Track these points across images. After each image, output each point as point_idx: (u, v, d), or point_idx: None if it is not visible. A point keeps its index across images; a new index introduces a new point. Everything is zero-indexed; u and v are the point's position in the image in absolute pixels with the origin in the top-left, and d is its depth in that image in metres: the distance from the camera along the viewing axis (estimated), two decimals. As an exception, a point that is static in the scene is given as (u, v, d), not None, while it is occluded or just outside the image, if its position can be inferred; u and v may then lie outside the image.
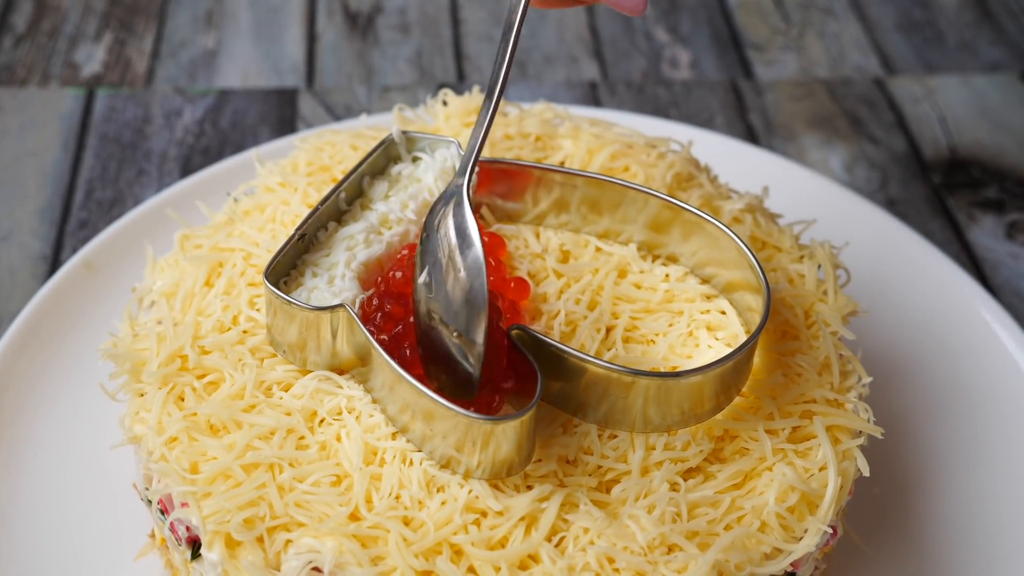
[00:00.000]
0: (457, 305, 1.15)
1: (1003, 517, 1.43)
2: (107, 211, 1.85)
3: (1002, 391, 1.54)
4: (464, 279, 1.16)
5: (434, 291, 1.18)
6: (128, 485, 1.39)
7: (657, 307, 1.30)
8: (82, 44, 2.18)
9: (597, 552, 1.08)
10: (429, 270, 1.19)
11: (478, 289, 1.15)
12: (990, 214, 1.92)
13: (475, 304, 1.14)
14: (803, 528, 1.14)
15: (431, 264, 1.19)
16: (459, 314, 1.15)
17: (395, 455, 1.14)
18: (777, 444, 1.18)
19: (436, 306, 1.17)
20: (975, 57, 2.24)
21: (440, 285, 1.17)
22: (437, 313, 1.17)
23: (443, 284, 1.17)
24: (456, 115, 1.49)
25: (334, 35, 2.24)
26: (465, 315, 1.14)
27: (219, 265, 1.32)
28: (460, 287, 1.16)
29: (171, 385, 1.21)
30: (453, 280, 1.16)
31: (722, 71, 2.19)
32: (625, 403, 1.14)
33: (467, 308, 1.14)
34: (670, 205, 1.30)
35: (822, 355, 1.25)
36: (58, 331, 1.55)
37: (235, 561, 1.11)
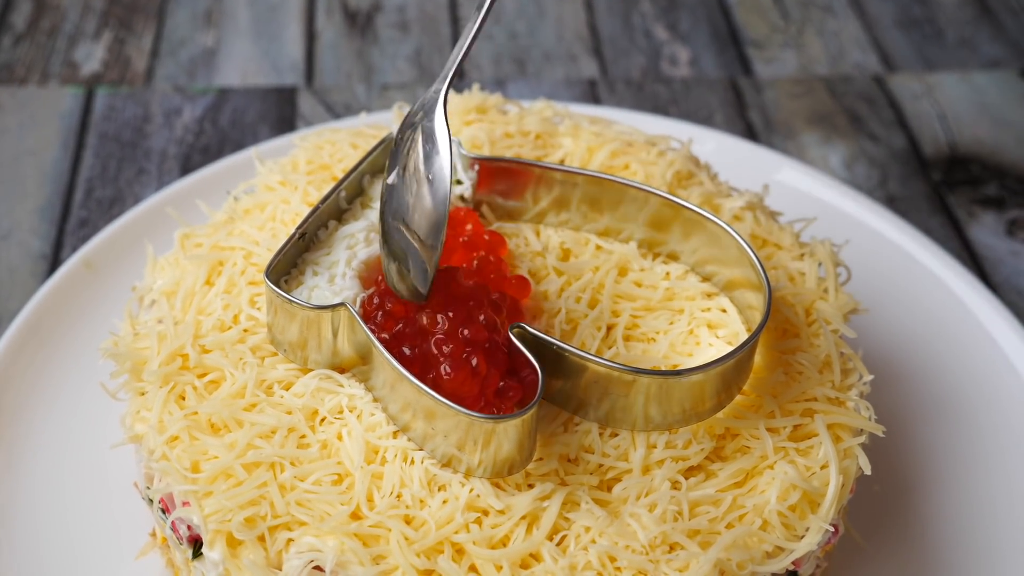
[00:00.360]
0: (420, 210, 1.17)
1: (1003, 515, 1.43)
2: (107, 210, 1.85)
3: (1002, 389, 1.54)
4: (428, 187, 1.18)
5: (400, 192, 1.20)
6: (129, 484, 1.39)
7: (658, 305, 1.30)
8: (81, 43, 2.18)
9: (599, 551, 1.08)
10: (399, 172, 1.21)
11: (441, 197, 1.17)
12: (990, 211, 1.92)
13: (437, 210, 1.16)
14: (804, 526, 1.14)
15: (401, 166, 1.21)
16: (421, 219, 1.17)
17: (396, 454, 1.14)
18: (778, 442, 1.18)
19: (401, 207, 1.19)
20: (975, 54, 2.24)
21: (407, 187, 1.19)
22: (401, 214, 1.18)
23: (410, 187, 1.19)
24: (456, 113, 1.48)
25: (333, 33, 2.24)
26: (427, 221, 1.16)
27: (219, 264, 1.32)
28: (425, 192, 1.17)
29: (172, 384, 1.21)
30: (419, 185, 1.18)
31: (721, 69, 2.19)
32: (626, 401, 1.14)
33: (429, 214, 1.16)
34: (670, 203, 1.30)
35: (823, 353, 1.25)
36: (58, 330, 1.55)
37: (236, 560, 1.11)
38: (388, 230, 1.22)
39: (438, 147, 1.20)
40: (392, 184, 1.22)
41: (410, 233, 1.18)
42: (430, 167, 1.19)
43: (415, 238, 1.18)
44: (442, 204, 1.17)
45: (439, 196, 1.18)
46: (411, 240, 1.18)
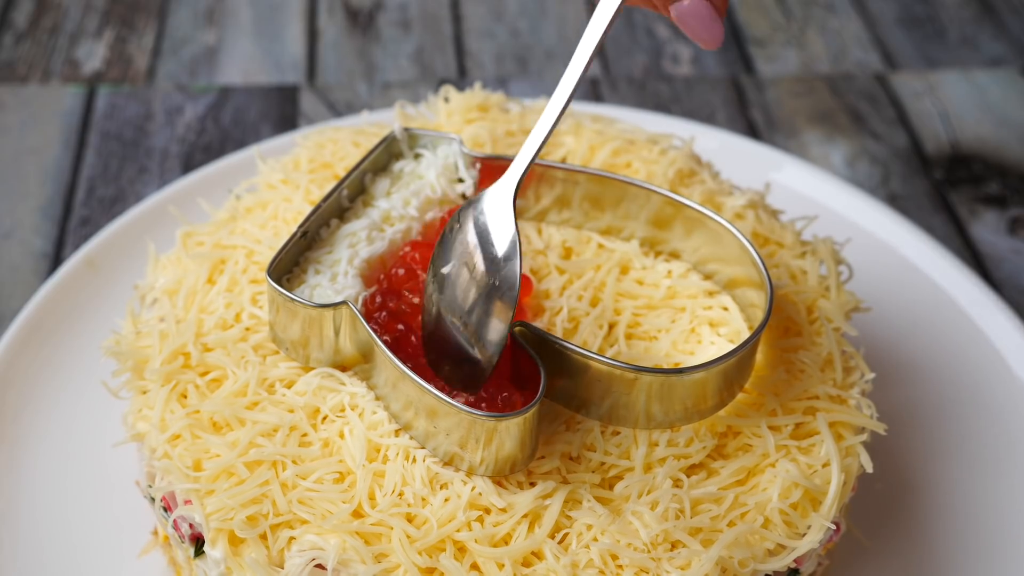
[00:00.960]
0: (484, 316, 1.14)
1: (1005, 513, 1.43)
2: (108, 208, 1.85)
3: (1004, 387, 1.54)
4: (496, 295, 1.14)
5: (456, 285, 1.17)
6: (131, 482, 1.39)
7: (659, 303, 1.30)
8: (83, 41, 2.18)
9: (600, 549, 1.09)
10: (455, 264, 1.18)
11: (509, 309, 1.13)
12: (992, 209, 1.91)
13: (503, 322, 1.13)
14: (806, 524, 1.14)
15: (458, 257, 1.18)
16: (484, 324, 1.14)
17: (398, 452, 1.14)
18: (780, 440, 1.18)
19: (456, 301, 1.16)
20: (976, 52, 2.24)
21: (465, 283, 1.16)
22: (457, 309, 1.16)
23: (469, 284, 1.16)
24: (458, 111, 1.48)
25: (335, 32, 2.24)
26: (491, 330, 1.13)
27: (221, 262, 1.32)
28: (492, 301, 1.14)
29: (174, 382, 1.21)
30: (482, 289, 1.15)
31: (723, 67, 2.19)
32: (628, 400, 1.14)
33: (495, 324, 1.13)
34: (672, 201, 1.30)
35: (825, 351, 1.25)
36: (60, 329, 1.55)
37: (238, 559, 1.11)
38: (439, 320, 1.18)
39: (508, 253, 1.15)
40: (446, 273, 1.18)
41: (467, 329, 1.15)
42: (496, 272, 1.15)
43: (472, 335, 1.15)
44: (509, 310, 1.13)
45: (507, 302, 1.13)
46: (467, 335, 1.15)
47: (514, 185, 1.19)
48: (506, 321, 1.13)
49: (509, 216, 1.17)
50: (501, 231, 1.17)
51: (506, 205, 1.18)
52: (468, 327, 1.15)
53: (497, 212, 1.18)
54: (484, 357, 1.14)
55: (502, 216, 1.18)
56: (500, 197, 1.19)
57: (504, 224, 1.17)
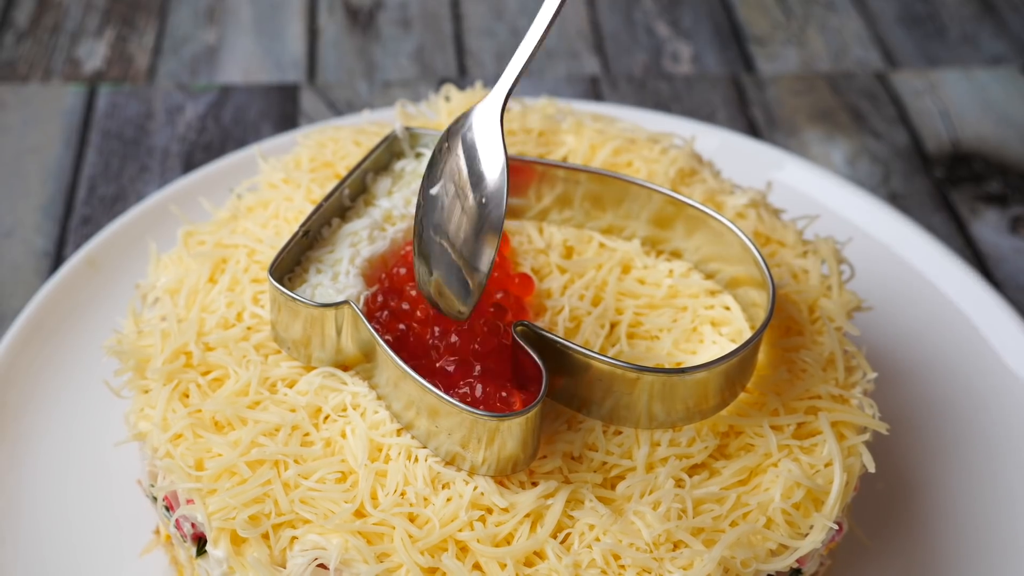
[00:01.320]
0: (470, 232, 1.14)
1: (1007, 512, 1.43)
2: (110, 207, 1.85)
3: (1006, 386, 1.54)
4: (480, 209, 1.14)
5: (444, 205, 1.16)
6: (132, 482, 1.39)
7: (661, 303, 1.30)
8: (84, 40, 2.18)
9: (603, 549, 1.09)
10: (444, 183, 1.17)
11: (495, 223, 1.13)
12: (993, 208, 1.92)
13: (489, 236, 1.12)
14: (809, 524, 1.14)
15: (446, 178, 1.17)
16: (470, 241, 1.13)
17: (400, 452, 1.14)
18: (782, 440, 1.18)
19: (444, 221, 1.16)
20: (977, 51, 2.24)
21: (452, 202, 1.16)
22: (444, 229, 1.15)
23: (456, 203, 1.15)
24: (458, 110, 1.48)
25: (335, 30, 2.24)
26: (477, 245, 1.13)
27: (223, 261, 1.32)
28: (476, 215, 1.14)
29: (175, 382, 1.21)
30: (467, 205, 1.14)
31: (724, 65, 2.19)
32: (630, 399, 1.14)
33: (481, 239, 1.13)
34: (673, 200, 1.30)
35: (827, 351, 1.25)
36: (61, 328, 1.55)
37: (240, 558, 1.11)
38: (427, 242, 1.17)
39: (493, 166, 1.15)
40: (434, 194, 1.17)
41: (454, 252, 1.14)
42: (482, 188, 1.14)
43: (460, 258, 1.14)
44: (495, 230, 1.12)
45: (493, 222, 1.13)
46: (454, 258, 1.14)
47: (501, 101, 1.19)
48: (494, 241, 1.12)
49: (496, 133, 1.17)
50: (488, 148, 1.17)
51: (494, 121, 1.17)
52: (456, 248, 1.15)
53: (485, 129, 1.18)
54: (473, 280, 1.14)
55: (490, 133, 1.17)
56: (488, 114, 1.18)
57: (491, 141, 1.17)
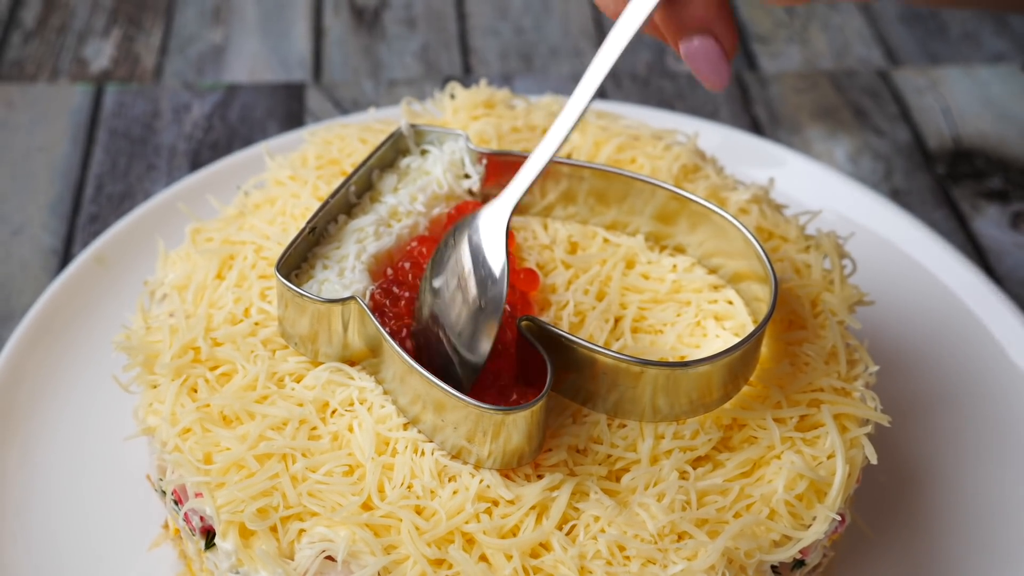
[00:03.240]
0: (468, 334, 1.16)
1: (1008, 505, 1.43)
2: (117, 205, 1.86)
3: (1007, 380, 1.55)
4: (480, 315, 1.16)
5: (445, 300, 1.18)
6: (141, 476, 1.40)
7: (665, 297, 1.31)
8: (91, 40, 2.19)
9: (607, 540, 1.09)
10: (447, 278, 1.19)
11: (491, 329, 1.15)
12: (994, 204, 1.92)
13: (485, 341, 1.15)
14: (812, 516, 1.14)
15: (449, 272, 1.19)
16: (467, 340, 1.16)
17: (407, 445, 1.15)
18: (785, 432, 1.18)
19: (445, 316, 1.18)
20: (978, 48, 2.24)
21: (453, 299, 1.18)
22: (444, 323, 1.18)
23: (456, 300, 1.17)
24: (463, 108, 1.49)
25: (341, 30, 2.25)
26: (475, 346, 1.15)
27: (230, 258, 1.33)
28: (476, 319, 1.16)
29: (184, 377, 1.22)
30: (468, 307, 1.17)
31: (727, 63, 2.19)
32: (634, 393, 1.15)
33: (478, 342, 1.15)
34: (677, 196, 1.31)
35: (829, 344, 1.26)
36: (70, 325, 1.56)
37: (249, 551, 1.12)
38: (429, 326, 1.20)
39: (496, 277, 1.17)
40: (436, 287, 1.20)
41: (450, 346, 1.17)
42: (484, 294, 1.16)
43: (455, 354, 1.17)
44: (490, 336, 1.15)
45: (490, 327, 1.15)
46: (450, 351, 1.17)
47: (509, 209, 1.20)
48: (489, 339, 1.15)
49: (501, 240, 1.19)
50: (492, 254, 1.18)
51: (499, 228, 1.19)
52: (454, 340, 1.17)
53: (490, 234, 1.20)
54: (465, 372, 1.16)
55: (495, 239, 1.19)
56: (495, 219, 1.20)
57: (495, 247, 1.18)
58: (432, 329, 1.19)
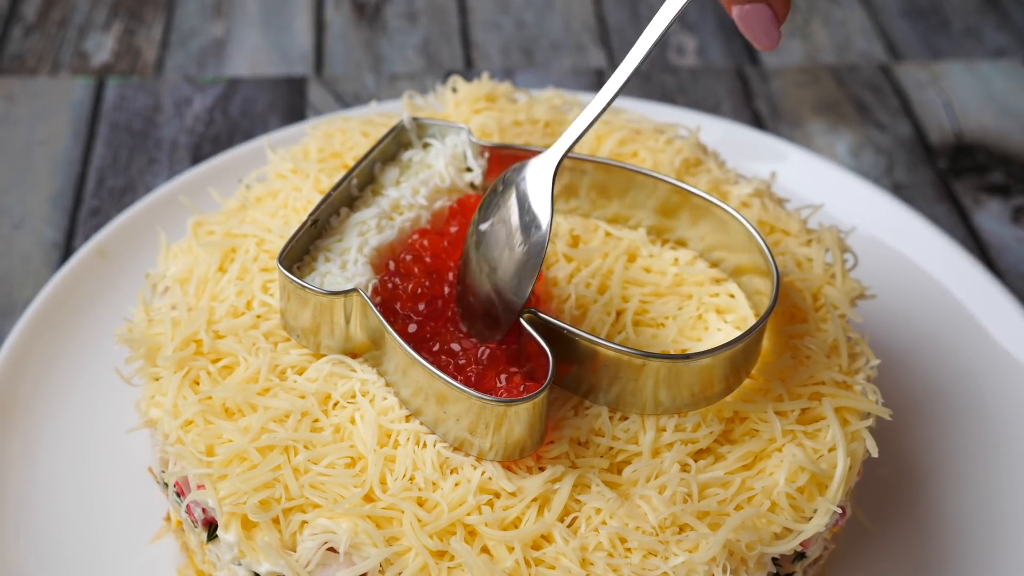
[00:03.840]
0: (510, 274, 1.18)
1: (1008, 498, 1.43)
2: (119, 199, 1.86)
3: (1008, 375, 1.55)
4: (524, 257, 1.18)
5: (492, 241, 1.21)
6: (143, 469, 1.40)
7: (667, 291, 1.31)
8: (92, 33, 2.19)
9: (609, 532, 1.10)
10: (494, 223, 1.22)
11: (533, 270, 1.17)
12: (996, 198, 1.92)
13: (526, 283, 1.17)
14: (813, 508, 1.15)
15: (496, 218, 1.22)
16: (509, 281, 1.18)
17: (409, 437, 1.15)
18: (787, 425, 1.18)
19: (491, 257, 1.20)
20: (980, 43, 2.25)
21: (500, 241, 1.21)
22: (490, 262, 1.20)
23: (503, 243, 1.20)
24: (465, 102, 1.49)
25: (342, 23, 2.25)
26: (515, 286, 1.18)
27: (232, 251, 1.33)
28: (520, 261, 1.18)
29: (186, 369, 1.22)
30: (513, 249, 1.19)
31: (728, 58, 2.20)
32: (636, 385, 1.15)
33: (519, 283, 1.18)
34: (679, 190, 1.31)
35: (830, 338, 1.26)
36: (72, 318, 1.56)
37: (251, 542, 1.12)
38: (473, 270, 1.22)
39: (539, 222, 1.19)
40: (483, 231, 1.23)
41: (493, 288, 1.19)
42: (528, 239, 1.19)
43: (497, 296, 1.19)
44: (532, 272, 1.18)
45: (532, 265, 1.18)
46: (492, 294, 1.19)
47: (557, 159, 1.22)
48: (529, 284, 1.17)
49: (547, 188, 1.21)
50: (538, 201, 1.21)
51: (547, 177, 1.22)
52: (496, 284, 1.18)
53: (537, 182, 1.22)
54: (505, 315, 1.18)
55: (542, 186, 1.21)
56: (543, 168, 1.22)
57: (542, 195, 1.21)
58: (476, 272, 1.21)
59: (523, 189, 1.22)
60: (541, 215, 1.19)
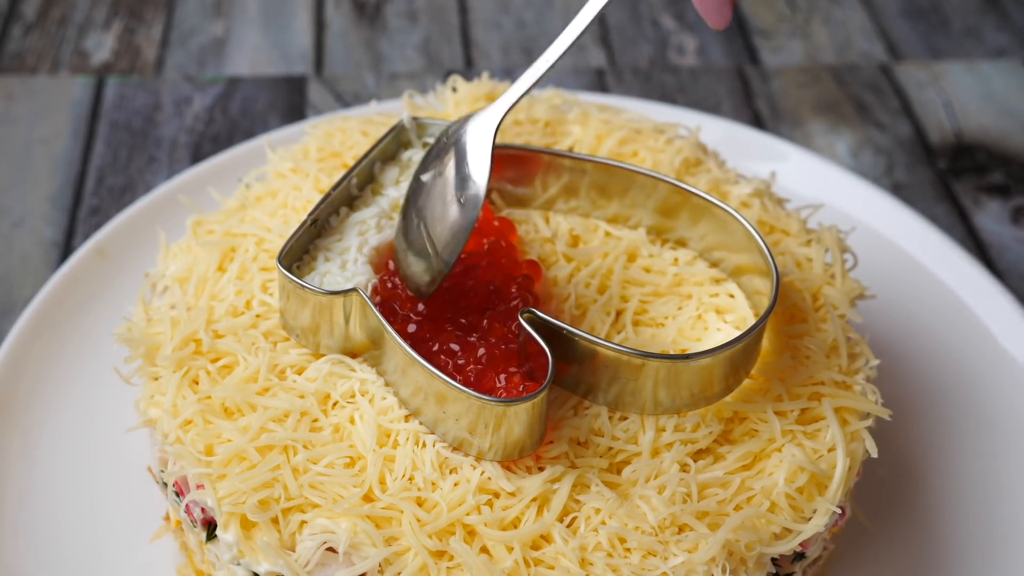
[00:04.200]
0: (444, 226, 1.19)
1: (1007, 499, 1.44)
2: (118, 198, 1.86)
3: (1007, 375, 1.55)
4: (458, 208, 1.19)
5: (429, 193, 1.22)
6: (143, 468, 1.40)
7: (666, 291, 1.31)
8: (91, 32, 2.19)
9: (608, 532, 1.10)
10: (433, 174, 1.23)
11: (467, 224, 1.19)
12: (995, 199, 1.92)
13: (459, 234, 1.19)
14: (812, 508, 1.15)
15: (436, 170, 1.23)
16: (443, 233, 1.20)
17: (408, 437, 1.15)
18: (786, 425, 1.18)
19: (426, 208, 1.22)
20: (980, 43, 2.25)
21: (437, 194, 1.22)
22: (424, 215, 1.21)
23: (439, 195, 1.21)
24: (465, 101, 1.49)
25: (342, 23, 2.25)
26: (449, 239, 1.19)
27: (232, 250, 1.33)
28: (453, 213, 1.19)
29: (185, 369, 1.22)
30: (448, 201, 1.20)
31: (728, 57, 2.19)
32: (635, 385, 1.15)
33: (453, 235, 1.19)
34: (678, 190, 1.31)
35: (830, 338, 1.26)
36: (71, 317, 1.56)
37: (250, 542, 1.12)
38: (408, 222, 1.23)
39: (475, 175, 1.21)
40: (423, 181, 1.23)
41: (428, 239, 1.19)
42: (464, 191, 1.20)
43: (431, 245, 1.19)
44: (465, 231, 1.18)
45: (466, 222, 1.19)
46: (427, 244, 1.19)
47: (500, 115, 1.24)
48: (463, 238, 1.18)
49: (488, 142, 1.23)
50: (478, 154, 1.22)
51: (488, 131, 1.23)
52: (431, 235, 1.19)
53: (479, 136, 1.23)
54: (437, 266, 1.19)
55: (482, 141, 1.23)
56: (486, 122, 1.24)
57: (482, 149, 1.22)
58: (414, 223, 1.22)
59: (463, 144, 1.23)
60: (478, 169, 1.21)
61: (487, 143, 1.22)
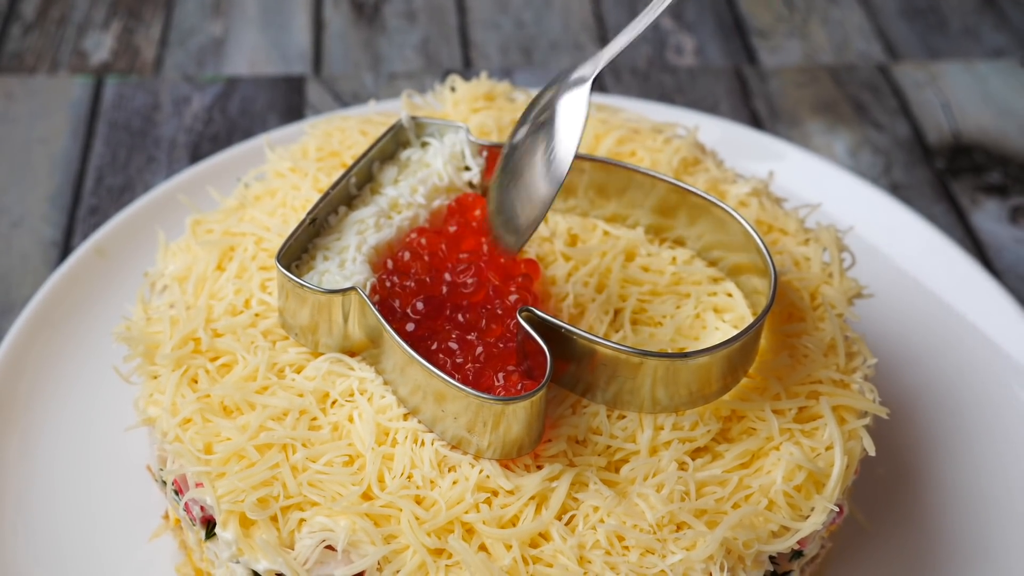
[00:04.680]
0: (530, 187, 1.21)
1: (1005, 498, 1.44)
2: (117, 197, 1.87)
3: (1005, 374, 1.55)
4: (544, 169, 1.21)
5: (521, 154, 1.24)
6: (142, 467, 1.40)
7: (664, 290, 1.31)
8: (91, 32, 2.19)
9: (607, 530, 1.10)
10: (526, 132, 1.24)
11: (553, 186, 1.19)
12: (993, 198, 1.93)
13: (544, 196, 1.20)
14: (810, 506, 1.15)
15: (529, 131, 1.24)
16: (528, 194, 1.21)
17: (407, 435, 1.15)
18: (784, 424, 1.19)
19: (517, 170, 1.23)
20: (978, 43, 2.25)
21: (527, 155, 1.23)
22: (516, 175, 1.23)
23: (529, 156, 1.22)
24: (464, 101, 1.50)
25: (341, 23, 2.25)
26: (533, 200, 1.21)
27: (231, 249, 1.34)
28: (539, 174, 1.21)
29: (184, 367, 1.22)
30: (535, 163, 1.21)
31: (727, 57, 2.20)
32: (633, 384, 1.15)
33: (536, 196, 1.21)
34: (677, 189, 1.31)
35: (828, 336, 1.26)
36: (70, 316, 1.57)
37: (249, 540, 1.12)
38: (503, 183, 1.25)
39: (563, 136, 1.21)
40: (515, 144, 1.25)
41: (518, 199, 1.21)
42: (550, 152, 1.21)
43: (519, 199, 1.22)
44: (550, 194, 1.19)
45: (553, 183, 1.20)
46: (515, 204, 1.22)
47: (592, 76, 1.23)
48: (550, 192, 1.19)
49: (583, 101, 1.22)
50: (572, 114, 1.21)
51: (583, 92, 1.22)
52: (520, 189, 1.21)
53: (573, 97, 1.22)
54: (525, 222, 1.21)
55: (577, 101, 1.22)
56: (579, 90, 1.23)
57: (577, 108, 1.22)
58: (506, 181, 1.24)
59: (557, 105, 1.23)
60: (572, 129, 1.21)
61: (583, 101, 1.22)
